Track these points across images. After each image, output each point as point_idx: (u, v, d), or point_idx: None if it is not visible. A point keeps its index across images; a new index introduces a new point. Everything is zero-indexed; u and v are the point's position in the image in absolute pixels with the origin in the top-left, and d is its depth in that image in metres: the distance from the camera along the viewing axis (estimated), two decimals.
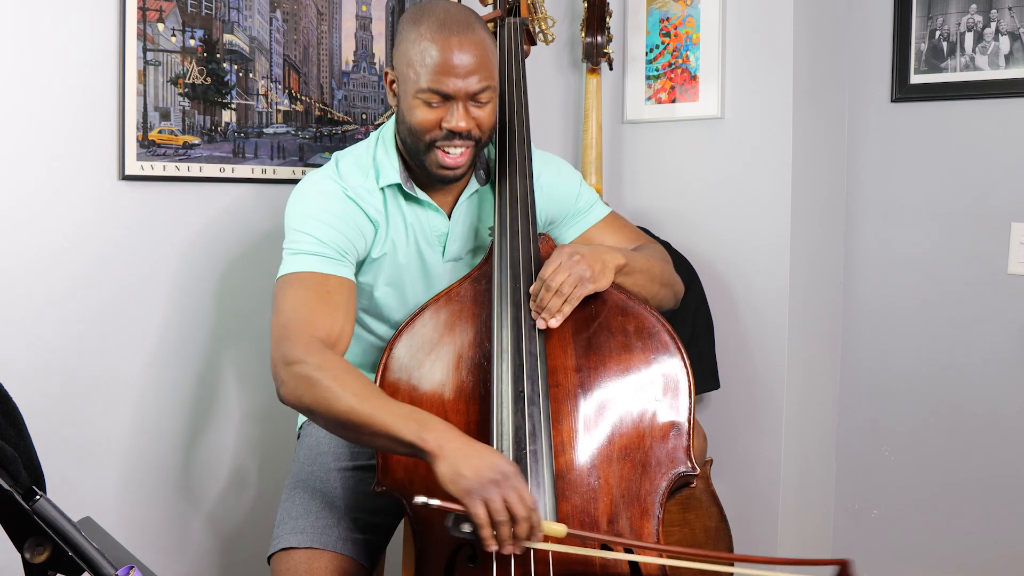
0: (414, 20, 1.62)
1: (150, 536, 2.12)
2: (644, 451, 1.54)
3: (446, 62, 1.56)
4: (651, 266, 1.74)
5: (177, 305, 2.10)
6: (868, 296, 2.48)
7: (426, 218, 1.72)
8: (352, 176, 1.69)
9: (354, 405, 1.41)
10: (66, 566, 0.89)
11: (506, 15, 1.92)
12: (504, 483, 1.31)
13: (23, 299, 1.91)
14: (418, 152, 1.64)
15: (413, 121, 1.61)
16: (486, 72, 1.59)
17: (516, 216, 1.67)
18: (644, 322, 1.61)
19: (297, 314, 1.56)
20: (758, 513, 2.37)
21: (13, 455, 0.92)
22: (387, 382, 1.58)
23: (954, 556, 2.37)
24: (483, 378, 1.57)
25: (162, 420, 2.12)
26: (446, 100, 1.59)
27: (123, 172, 2.01)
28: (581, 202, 1.85)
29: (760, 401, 2.36)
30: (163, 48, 2.04)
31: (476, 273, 1.67)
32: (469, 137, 1.62)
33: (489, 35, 1.63)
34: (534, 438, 1.48)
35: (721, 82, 2.38)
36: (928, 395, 2.40)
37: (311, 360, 1.48)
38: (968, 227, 2.33)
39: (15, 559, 0.90)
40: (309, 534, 1.59)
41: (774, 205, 2.31)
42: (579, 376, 1.57)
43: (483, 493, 1.30)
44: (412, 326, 1.62)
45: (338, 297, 1.59)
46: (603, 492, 1.51)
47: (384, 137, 1.73)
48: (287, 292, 1.59)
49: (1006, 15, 2.23)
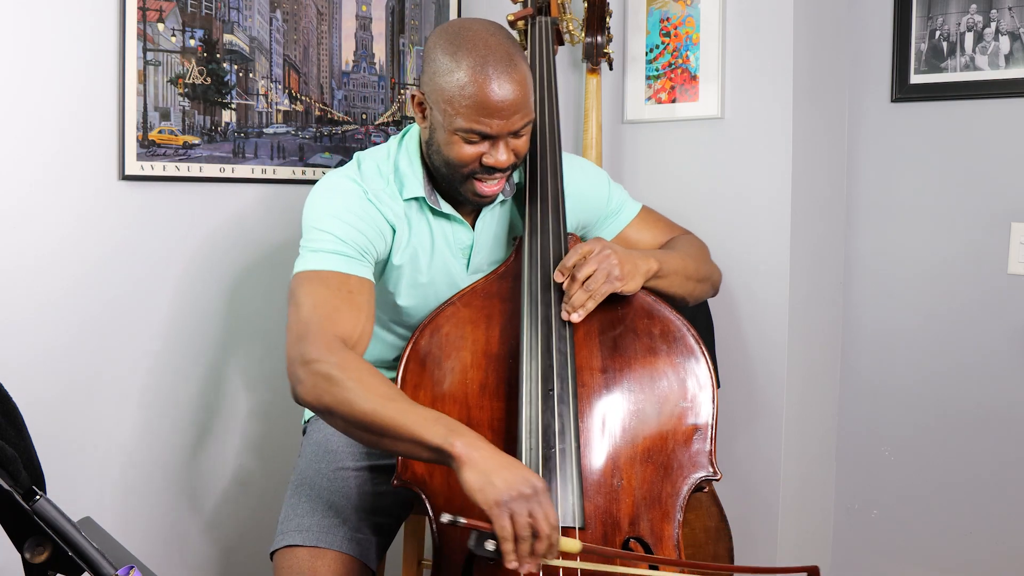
0: (451, 51, 1.54)
1: (150, 536, 2.12)
2: (667, 454, 1.55)
3: (488, 103, 1.51)
4: (685, 265, 1.74)
5: (177, 305, 2.10)
6: (868, 296, 2.48)
7: (451, 230, 1.70)
8: (374, 180, 1.65)
9: (377, 407, 1.38)
10: (66, 566, 0.89)
11: (537, 13, 1.90)
12: (533, 498, 1.30)
13: (23, 299, 1.92)
14: (453, 181, 1.62)
15: (451, 155, 1.58)
16: (526, 108, 1.56)
17: (547, 215, 1.67)
18: (670, 326, 1.62)
19: (317, 312, 1.51)
20: (758, 513, 2.37)
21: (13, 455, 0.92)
22: (409, 376, 1.58)
23: (954, 556, 2.37)
24: (508, 376, 1.57)
25: (162, 420, 2.12)
26: (486, 138, 1.56)
27: (123, 172, 2.01)
28: (613, 203, 1.84)
29: (760, 401, 2.36)
30: (163, 48, 2.04)
31: (502, 270, 1.67)
32: (507, 169, 1.61)
33: (525, 59, 1.58)
34: (563, 436, 1.48)
35: (721, 82, 2.38)
36: (928, 395, 2.40)
37: (331, 359, 1.44)
38: (968, 227, 2.33)
39: (15, 559, 0.90)
40: (314, 532, 1.58)
41: (774, 205, 2.31)
42: (604, 377, 1.57)
43: (512, 506, 1.29)
44: (436, 321, 1.62)
45: (359, 297, 1.56)
46: (625, 493, 1.52)
47: (408, 146, 1.69)
48: (307, 289, 1.54)
49: (1006, 15, 2.23)
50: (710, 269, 1.85)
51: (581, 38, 2.24)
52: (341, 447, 1.74)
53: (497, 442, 1.53)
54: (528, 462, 1.47)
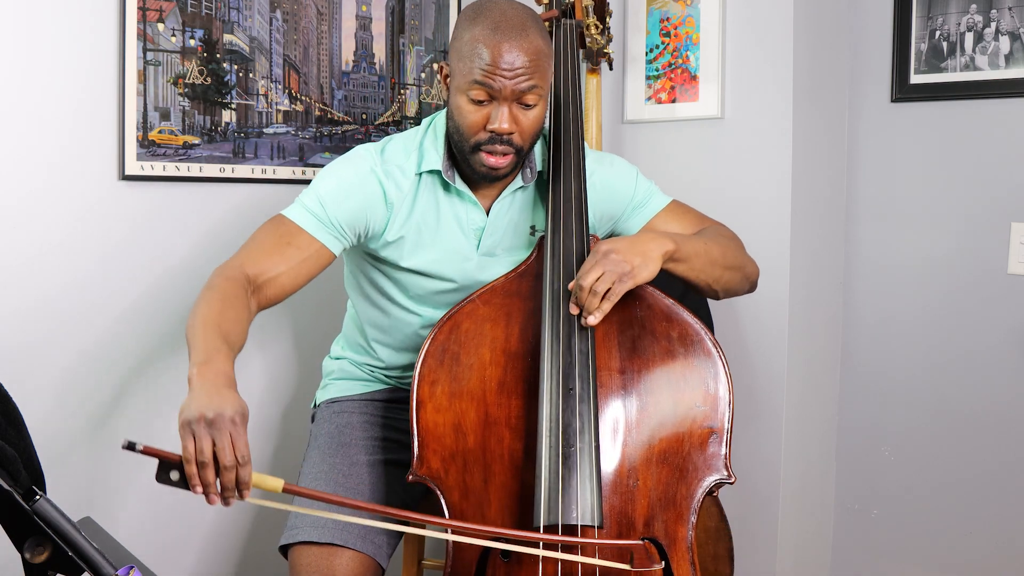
0: (471, 18, 1.62)
1: (150, 536, 2.12)
2: (682, 456, 1.55)
3: (494, 61, 1.56)
4: (709, 249, 1.71)
5: (177, 305, 2.10)
6: (868, 295, 2.48)
7: (464, 210, 1.73)
8: (395, 155, 1.71)
9: (193, 324, 1.44)
10: (66, 566, 0.89)
11: (563, 16, 1.93)
12: (217, 426, 1.26)
13: (23, 299, 1.92)
14: (464, 151, 1.66)
15: (460, 120, 1.63)
16: (536, 73, 1.59)
17: (570, 214, 1.68)
18: (687, 329, 1.63)
19: (248, 246, 1.63)
20: (758, 513, 2.37)
21: (13, 455, 0.92)
22: (427, 371, 1.58)
23: (954, 556, 2.37)
24: (527, 374, 1.57)
25: (162, 420, 2.12)
26: (492, 99, 1.60)
27: (123, 172, 2.01)
28: (639, 195, 1.83)
29: (760, 401, 2.36)
30: (163, 48, 2.04)
31: (523, 268, 1.68)
32: (511, 144, 1.62)
33: (545, 38, 1.63)
34: (582, 435, 1.49)
35: (721, 82, 2.38)
36: (928, 395, 2.40)
37: (213, 278, 1.55)
38: (968, 227, 2.33)
39: (15, 559, 0.90)
40: (330, 529, 1.58)
41: (774, 205, 2.31)
42: (622, 378, 1.58)
43: (195, 428, 1.25)
44: (455, 317, 1.62)
45: (294, 251, 1.63)
46: (641, 494, 1.53)
47: (436, 124, 1.74)
48: (262, 229, 1.67)
49: (1006, 15, 2.23)
50: (742, 258, 1.79)
51: (603, 42, 2.25)
52: (355, 440, 1.75)
53: (515, 439, 1.54)
54: (548, 460, 1.48)
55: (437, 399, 1.56)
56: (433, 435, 1.55)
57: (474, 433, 1.55)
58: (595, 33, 2.20)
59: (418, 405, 1.56)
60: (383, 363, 1.85)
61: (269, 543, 2.11)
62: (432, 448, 1.54)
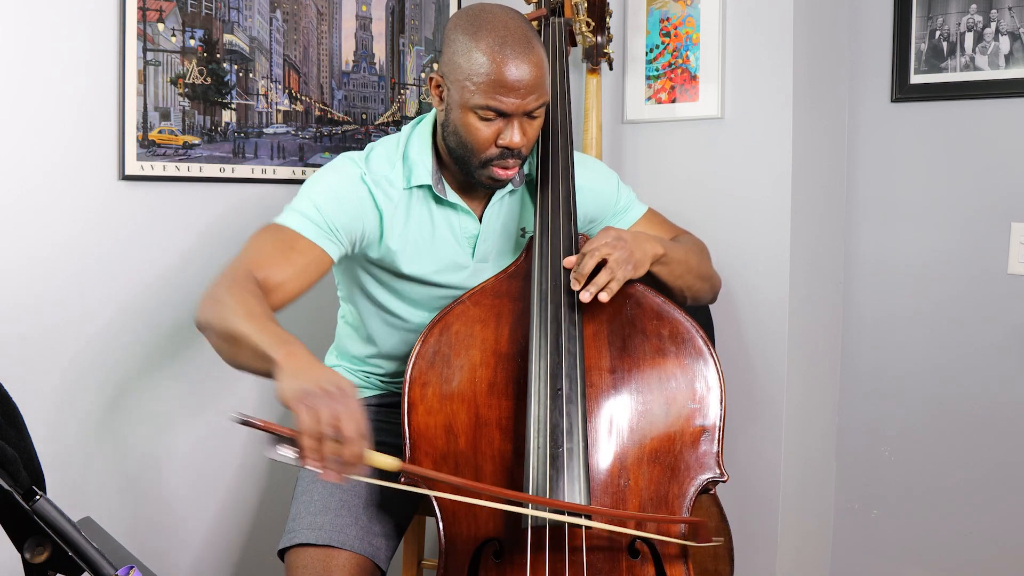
0: (471, 32, 1.58)
1: (150, 536, 2.12)
2: (674, 455, 1.55)
3: (505, 80, 1.55)
4: (688, 258, 1.76)
5: (177, 304, 2.10)
6: (868, 296, 2.48)
7: (457, 220, 1.72)
8: (379, 165, 1.69)
9: (240, 320, 1.40)
10: (66, 566, 0.89)
11: (551, 15, 1.92)
12: (339, 399, 1.22)
13: (23, 299, 1.92)
14: (470, 165, 1.64)
15: (469, 138, 1.60)
16: (542, 89, 1.59)
17: (558, 216, 1.68)
18: (679, 327, 1.63)
19: (249, 254, 1.58)
20: (758, 513, 2.37)
21: (13, 455, 0.92)
22: (417, 373, 1.58)
23: (954, 556, 2.37)
24: (517, 374, 1.57)
25: (163, 420, 2.13)
26: (501, 116, 1.59)
27: (123, 172, 2.01)
28: (622, 200, 1.87)
29: (760, 401, 2.36)
30: (163, 48, 2.04)
31: (512, 269, 1.68)
32: (520, 155, 1.63)
33: (543, 47, 1.62)
34: (570, 436, 1.49)
35: (721, 82, 2.38)
36: (928, 395, 2.40)
37: (226, 283, 1.48)
38: (968, 227, 2.33)
39: (15, 559, 0.90)
40: (327, 531, 1.58)
41: (774, 205, 2.31)
42: (613, 378, 1.58)
43: (314, 401, 1.21)
44: (446, 319, 1.62)
45: (298, 257, 1.59)
46: (632, 494, 1.53)
47: (420, 133, 1.72)
48: (258, 236, 1.62)
49: (1006, 15, 2.23)
50: (711, 270, 1.88)
51: (593, 40, 2.24)
52: None
53: (505, 440, 1.54)
54: (536, 461, 1.48)
55: (428, 401, 1.56)
56: (424, 437, 1.55)
57: (465, 434, 1.55)
58: (586, 31, 2.19)
59: (409, 407, 1.56)
60: (381, 369, 1.85)
61: (268, 544, 2.11)
62: (424, 450, 1.54)
